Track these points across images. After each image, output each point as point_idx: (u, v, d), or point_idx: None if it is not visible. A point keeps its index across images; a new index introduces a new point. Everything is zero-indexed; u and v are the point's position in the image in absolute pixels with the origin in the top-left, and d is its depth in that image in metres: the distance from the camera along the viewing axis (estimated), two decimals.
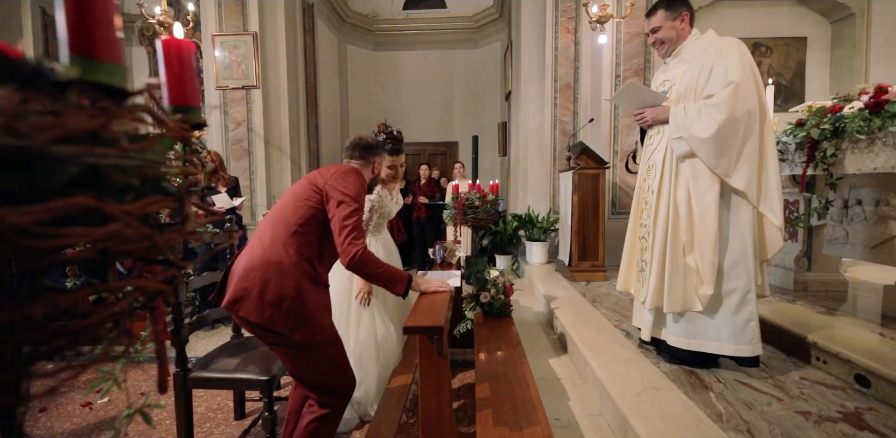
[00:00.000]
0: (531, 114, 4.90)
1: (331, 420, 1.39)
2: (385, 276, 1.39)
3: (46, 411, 2.26)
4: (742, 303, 1.68)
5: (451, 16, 6.59)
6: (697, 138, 1.66)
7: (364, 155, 1.58)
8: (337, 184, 1.37)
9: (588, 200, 3.63)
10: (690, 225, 1.75)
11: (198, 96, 0.69)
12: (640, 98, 1.85)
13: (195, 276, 1.90)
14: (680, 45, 1.83)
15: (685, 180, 1.76)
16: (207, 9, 4.65)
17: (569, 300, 3.02)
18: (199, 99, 0.58)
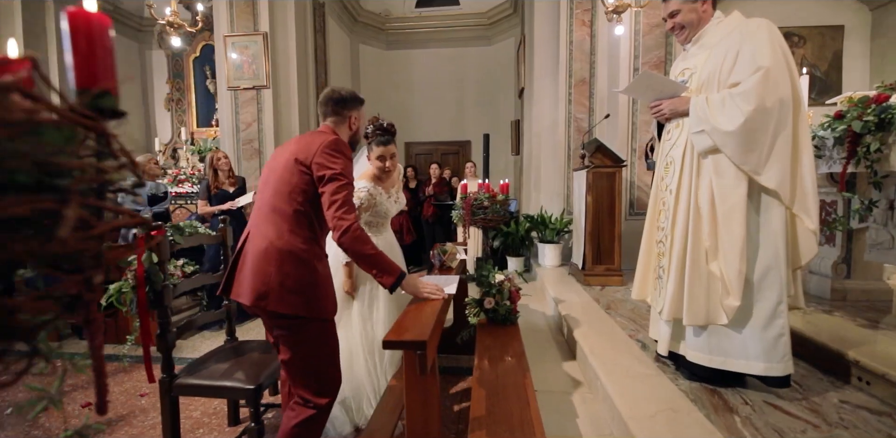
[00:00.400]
0: (544, 112, 4.73)
1: (316, 423, 1.34)
2: (376, 261, 1.34)
3: (46, 410, 2.24)
4: (773, 316, 1.50)
5: (464, 13, 6.47)
6: (721, 131, 1.49)
7: (337, 109, 1.47)
8: (323, 161, 1.31)
9: (603, 200, 3.45)
10: (714, 228, 1.57)
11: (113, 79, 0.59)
12: (657, 88, 1.68)
13: (183, 279, 1.84)
14: (701, 30, 1.65)
15: (708, 178, 1.59)
16: (220, 10, 4.66)
17: (581, 306, 2.85)
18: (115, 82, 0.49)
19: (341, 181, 1.30)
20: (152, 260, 1.62)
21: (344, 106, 1.48)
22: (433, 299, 1.44)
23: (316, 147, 1.33)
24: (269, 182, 1.41)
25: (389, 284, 1.36)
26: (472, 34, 6.58)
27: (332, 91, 1.49)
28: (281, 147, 1.52)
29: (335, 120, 1.48)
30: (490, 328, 2.29)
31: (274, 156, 1.49)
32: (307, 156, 1.32)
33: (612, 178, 3.45)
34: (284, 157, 1.38)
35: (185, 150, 6.51)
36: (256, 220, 1.39)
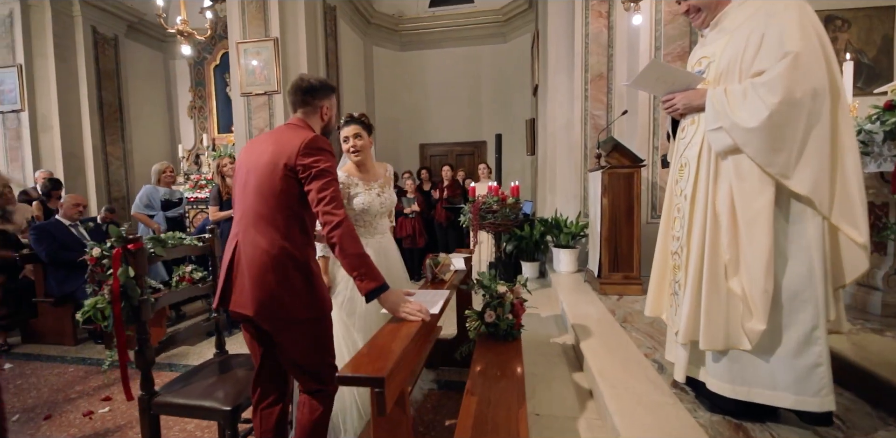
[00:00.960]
0: (559, 110, 4.51)
1: (327, 414, 1.41)
2: (361, 263, 1.28)
3: (50, 419, 2.26)
4: (806, 343, 1.28)
5: (478, 10, 6.31)
6: (742, 128, 1.28)
7: (307, 99, 1.42)
8: (307, 161, 1.28)
9: (620, 203, 3.22)
10: (735, 239, 1.37)
11: None
12: (668, 81, 1.49)
13: (167, 293, 1.79)
14: (721, 12, 1.45)
15: (727, 182, 1.38)
16: (233, 17, 4.72)
17: (594, 318, 2.65)
18: None
19: (327, 177, 1.28)
20: (128, 274, 1.57)
21: (314, 95, 1.42)
22: (411, 321, 1.31)
23: (296, 147, 1.28)
24: (248, 184, 1.35)
25: (367, 290, 1.29)
26: (486, 32, 6.41)
27: (301, 80, 1.43)
28: (253, 144, 1.44)
29: (306, 110, 1.43)
30: (490, 343, 2.13)
31: (248, 152, 1.43)
32: (289, 158, 1.28)
33: (629, 179, 3.21)
34: (265, 159, 1.33)
35: (207, 156, 6.67)
36: (244, 227, 1.34)
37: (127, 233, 1.59)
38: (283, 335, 1.33)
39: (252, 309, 1.27)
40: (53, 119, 5.47)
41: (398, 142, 6.71)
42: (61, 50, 5.45)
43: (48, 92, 5.42)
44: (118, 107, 6.12)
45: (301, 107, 1.43)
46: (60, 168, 5.52)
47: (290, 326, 1.32)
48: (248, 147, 1.46)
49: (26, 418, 2.26)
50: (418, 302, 1.40)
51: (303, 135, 1.31)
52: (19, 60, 5.27)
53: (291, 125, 1.42)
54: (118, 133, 6.15)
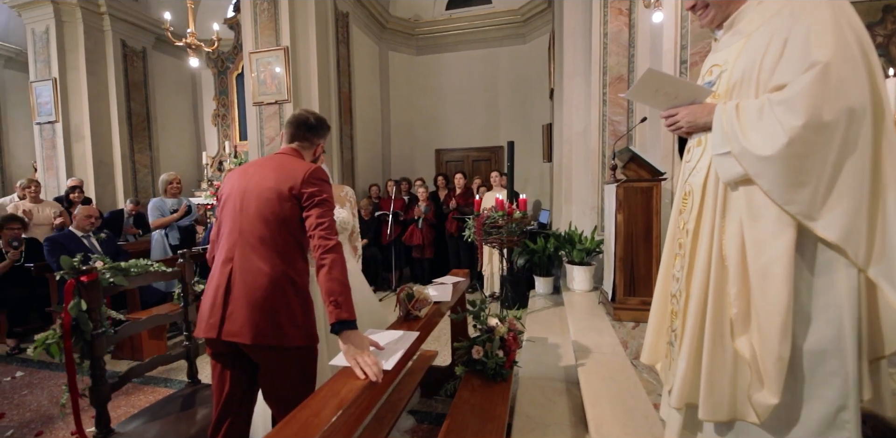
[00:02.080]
0: (575, 115, 4.22)
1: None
2: (342, 291, 1.23)
3: (41, 436, 2.28)
4: (830, 426, 1.02)
5: (497, 11, 6.08)
6: (755, 156, 1.04)
7: (309, 136, 1.51)
8: (311, 189, 1.33)
9: (637, 220, 2.92)
10: (745, 289, 1.12)
11: None
12: (670, 93, 1.25)
13: (129, 322, 1.72)
14: (736, 11, 1.20)
15: (737, 219, 1.13)
16: (246, 27, 4.75)
17: (602, 351, 2.39)
18: None
19: (326, 206, 1.34)
20: (80, 307, 1.51)
21: (315, 133, 1.52)
22: (357, 377, 1.15)
23: (301, 175, 1.34)
24: (247, 208, 1.34)
25: (338, 319, 1.21)
26: (505, 33, 6.17)
27: (305, 116, 1.51)
28: (249, 169, 1.44)
29: (303, 145, 1.51)
30: (477, 382, 1.95)
31: (245, 175, 1.42)
32: (294, 185, 1.33)
33: (648, 194, 2.91)
34: (268, 185, 1.35)
35: (229, 163, 6.82)
36: (240, 251, 1.32)
37: (78, 264, 1.52)
38: (274, 365, 1.32)
39: (249, 337, 1.25)
40: (85, 129, 5.74)
41: (414, 147, 6.59)
42: (92, 63, 5.71)
43: (80, 103, 5.69)
44: (146, 116, 6.36)
45: (299, 141, 1.50)
46: (91, 176, 5.79)
47: (282, 355, 1.30)
48: (240, 172, 1.46)
49: (20, 434, 2.28)
50: (372, 357, 1.25)
51: (305, 166, 1.38)
52: (54, 74, 5.56)
53: (287, 155, 1.47)
54: (146, 141, 6.39)
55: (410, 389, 2.17)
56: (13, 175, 7.22)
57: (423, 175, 6.19)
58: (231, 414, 1.39)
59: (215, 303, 1.31)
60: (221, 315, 1.29)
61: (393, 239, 4.90)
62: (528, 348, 2.90)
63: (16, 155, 7.48)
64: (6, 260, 3.46)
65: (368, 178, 5.66)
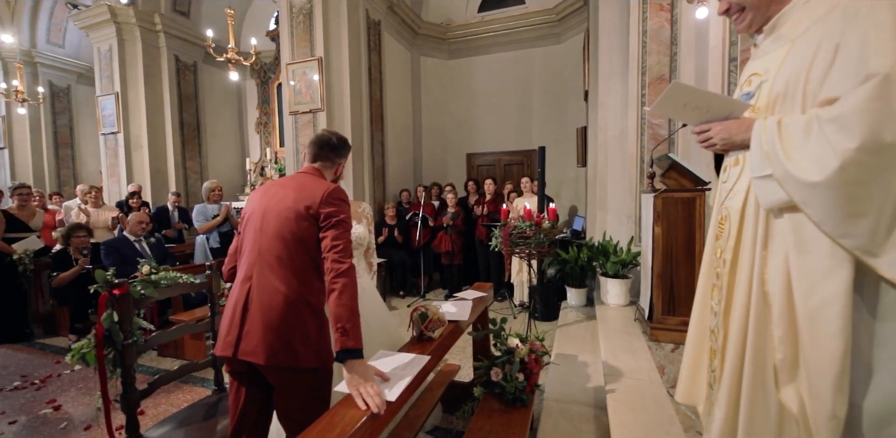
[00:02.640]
0: (611, 117, 4.00)
1: None
2: (350, 318, 1.21)
3: (90, 429, 2.45)
4: None
5: (530, 11, 5.91)
6: (800, 181, 0.90)
7: (331, 155, 1.53)
8: (329, 209, 1.34)
9: (678, 234, 2.71)
10: (792, 333, 0.97)
11: None
12: (701, 106, 1.12)
13: (158, 333, 1.80)
14: (778, 13, 1.05)
15: (782, 251, 0.99)
16: (284, 39, 4.92)
17: (635, 375, 2.21)
18: None
19: (343, 228, 1.33)
20: (113, 319, 1.59)
21: (337, 153, 1.55)
22: (358, 408, 1.11)
23: (319, 195, 1.34)
24: (267, 226, 1.36)
25: (344, 347, 1.19)
26: (539, 33, 5.99)
27: (328, 137, 1.54)
28: (271, 188, 1.47)
29: (325, 164, 1.53)
30: (495, 405, 1.87)
31: (267, 194, 1.44)
32: (313, 205, 1.33)
33: (690, 205, 2.69)
34: (287, 204, 1.36)
35: (270, 168, 7.13)
36: (259, 270, 1.34)
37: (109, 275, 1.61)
38: (287, 386, 1.32)
39: (263, 357, 1.26)
40: (143, 139, 6.20)
41: (445, 152, 6.56)
42: (149, 78, 6.16)
43: (139, 115, 6.16)
44: (196, 126, 6.78)
45: (321, 161, 1.53)
46: (148, 182, 6.25)
47: (296, 376, 1.31)
48: (263, 191, 1.49)
49: (72, 426, 2.46)
50: (383, 375, 1.23)
51: (325, 185, 1.39)
52: (116, 88, 6.06)
53: (309, 175, 1.49)
54: (196, 149, 6.81)
55: (430, 405, 2.13)
56: (84, 180, 7.95)
57: (454, 179, 6.14)
58: (246, 431, 1.41)
59: (233, 321, 1.34)
60: (238, 333, 1.31)
61: (422, 245, 4.89)
62: (556, 367, 2.77)
63: (86, 162, 8.24)
64: (76, 267, 3.77)
65: (399, 184, 5.69)
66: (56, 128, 7.85)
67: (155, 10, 6.11)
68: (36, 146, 7.65)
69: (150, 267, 3.12)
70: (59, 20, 7.57)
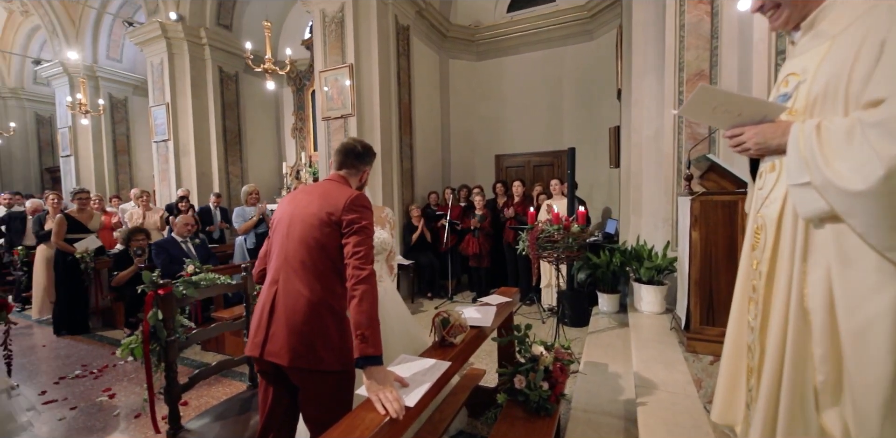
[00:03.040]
0: (646, 116, 3.84)
1: None
2: (369, 325, 1.24)
3: (139, 418, 2.64)
4: None
5: (560, 9, 5.79)
6: (842, 190, 0.83)
7: (356, 163, 1.57)
8: (351, 216, 1.37)
9: (717, 239, 2.56)
10: (834, 352, 0.90)
11: None
12: (732, 110, 1.06)
13: (198, 330, 1.92)
14: (816, 7, 0.98)
15: (823, 264, 0.92)
16: (317, 48, 5.09)
17: (669, 389, 2.11)
18: None
19: (364, 235, 1.36)
20: (158, 317, 1.71)
21: (362, 161, 1.59)
22: (377, 412, 1.14)
23: (342, 202, 1.38)
24: (293, 232, 1.42)
25: (363, 354, 1.22)
26: (570, 31, 5.86)
27: (353, 145, 1.58)
28: (298, 195, 1.53)
29: (350, 171, 1.57)
30: (518, 414, 1.85)
31: (294, 201, 1.50)
32: (335, 212, 1.37)
33: (730, 209, 2.54)
34: (312, 211, 1.40)
35: (304, 172, 7.40)
36: (285, 274, 1.40)
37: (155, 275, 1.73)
38: (310, 388, 1.36)
39: (287, 359, 1.31)
40: (190, 146, 6.61)
41: (473, 154, 6.55)
42: (196, 88, 6.56)
43: (186, 123, 6.57)
44: (237, 132, 7.15)
45: (346, 168, 1.57)
46: (195, 185, 6.65)
47: (318, 378, 1.34)
48: (291, 197, 1.56)
49: (124, 413, 2.66)
50: (403, 381, 1.24)
51: (348, 192, 1.42)
52: (167, 99, 6.49)
53: (334, 182, 1.53)
54: (237, 154, 7.18)
55: (454, 409, 2.13)
56: (139, 184, 8.58)
57: (482, 181, 6.12)
58: (274, 430, 1.47)
59: (260, 323, 1.40)
60: (265, 335, 1.37)
61: (450, 247, 4.90)
62: (585, 375, 2.70)
63: (141, 167, 8.87)
64: (132, 266, 4.07)
65: (428, 186, 5.74)
66: (115, 136, 8.51)
67: (201, 24, 6.50)
68: (97, 153, 8.33)
69: (194, 266, 3.32)
70: (117, 37, 8.21)
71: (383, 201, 4.87)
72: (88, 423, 2.52)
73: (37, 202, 5.35)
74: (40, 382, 3.11)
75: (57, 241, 4.15)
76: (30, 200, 5.48)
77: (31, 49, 9.91)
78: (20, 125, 10.63)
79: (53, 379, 3.14)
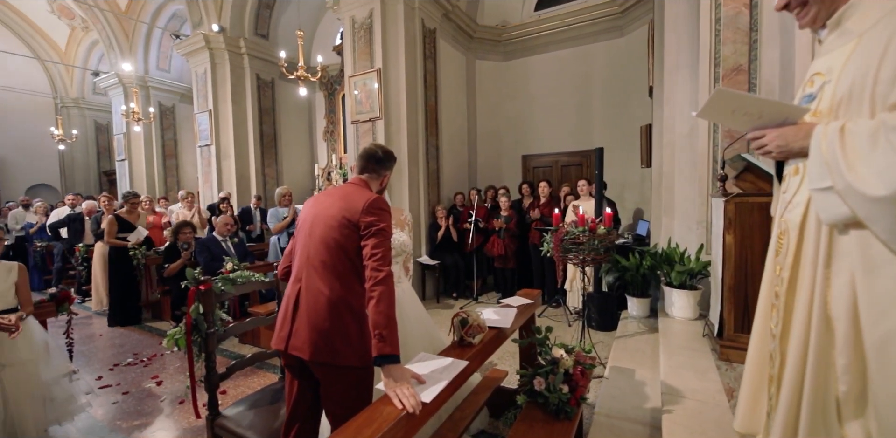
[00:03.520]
0: (678, 115, 3.71)
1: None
2: (387, 325, 1.29)
3: (182, 404, 2.84)
4: None
5: (590, 5, 5.67)
6: (864, 195, 0.80)
7: (377, 168, 1.63)
8: (369, 219, 1.41)
9: (753, 243, 2.45)
10: (858, 362, 0.87)
11: None
12: (752, 112, 1.03)
13: (235, 324, 2.05)
14: (844, 3, 0.94)
15: (847, 271, 0.89)
16: (347, 54, 5.26)
17: (699, 397, 2.03)
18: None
19: (382, 237, 1.40)
20: (199, 310, 1.85)
21: (382, 165, 1.65)
22: (394, 407, 1.19)
23: (361, 205, 1.43)
24: (315, 232, 1.49)
25: (381, 353, 1.27)
26: (599, 27, 5.73)
27: (374, 151, 1.64)
28: (321, 198, 1.60)
29: (371, 176, 1.64)
30: (538, 416, 1.85)
31: (317, 203, 1.58)
32: (355, 214, 1.42)
33: (766, 212, 2.33)
34: (332, 213, 1.47)
35: (335, 173, 7.64)
36: (307, 272, 1.47)
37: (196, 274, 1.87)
38: (330, 382, 1.43)
39: (308, 353, 1.38)
40: (230, 149, 6.99)
41: (500, 155, 6.53)
42: (236, 95, 6.93)
43: (227, 129, 6.95)
44: (273, 136, 7.48)
45: (368, 173, 1.63)
46: (234, 187, 7.02)
47: (338, 373, 1.40)
48: (314, 199, 1.63)
49: (168, 400, 2.87)
50: (419, 378, 1.29)
51: (367, 195, 1.48)
52: (210, 106, 6.90)
53: (355, 185, 1.59)
54: (273, 157, 7.52)
55: (475, 409, 2.16)
56: (185, 186, 9.14)
57: (509, 182, 6.10)
58: (299, 420, 1.55)
59: (285, 318, 1.48)
60: (289, 330, 1.44)
61: (475, 248, 4.92)
62: (610, 380, 2.65)
63: (187, 170, 9.45)
64: (180, 259, 4.37)
65: (454, 187, 5.78)
66: (164, 141, 9.12)
67: (240, 35, 6.85)
68: (148, 158, 8.95)
69: (233, 264, 3.52)
70: (165, 49, 8.79)
71: (409, 202, 4.96)
72: (138, 407, 2.74)
73: (91, 203, 5.83)
74: (97, 368, 3.40)
75: (108, 240, 4.51)
76: (85, 202, 5.98)
77: (91, 62, 10.77)
78: (81, 132, 11.59)
79: (108, 366, 3.43)
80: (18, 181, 11.11)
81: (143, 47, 8.68)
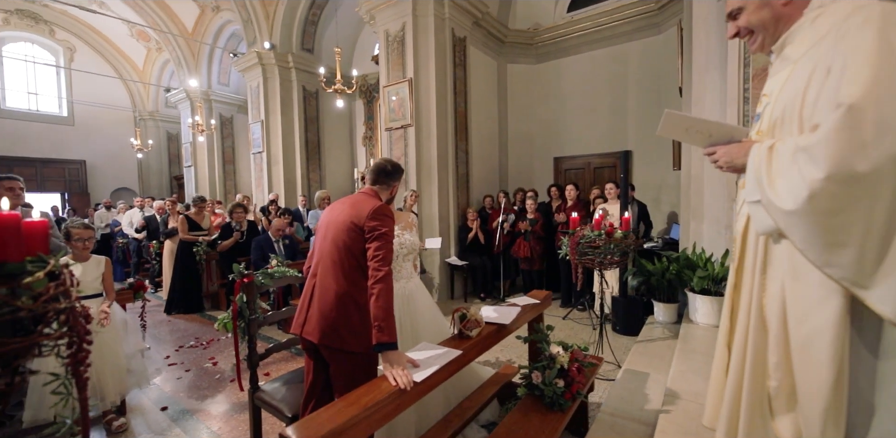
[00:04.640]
0: (708, 115, 3.62)
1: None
2: (386, 317, 1.47)
3: (234, 382, 3.24)
4: None
5: (624, 4, 5.58)
6: (779, 209, 0.90)
7: (386, 180, 1.83)
8: (373, 224, 1.60)
9: None
10: (786, 360, 0.96)
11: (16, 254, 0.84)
12: (702, 131, 1.13)
13: (272, 312, 2.36)
14: (786, 30, 1.02)
15: (779, 278, 0.98)
16: (381, 64, 5.58)
17: (700, 403, 2.03)
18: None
19: (384, 240, 1.59)
20: (243, 299, 2.17)
21: (391, 177, 1.85)
22: (390, 383, 1.40)
23: (366, 212, 1.63)
24: (328, 235, 1.74)
25: (379, 341, 1.47)
26: (635, 26, 5.62)
27: (384, 164, 1.85)
28: (335, 205, 1.84)
29: (381, 186, 1.84)
30: (534, 407, 1.99)
31: (332, 210, 1.83)
32: (361, 220, 1.62)
33: None
34: (342, 218, 1.69)
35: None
36: (321, 269, 1.72)
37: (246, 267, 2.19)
38: (337, 363, 1.64)
39: (317, 337, 1.61)
40: (279, 156, 7.59)
41: (532, 157, 6.58)
42: (284, 106, 7.52)
43: (276, 137, 7.56)
44: (317, 143, 8.03)
45: (378, 184, 1.84)
46: (283, 191, 7.62)
47: (344, 356, 1.61)
48: (330, 207, 1.88)
49: (222, 378, 3.27)
50: (416, 360, 1.50)
51: (373, 203, 1.67)
52: (262, 117, 7.55)
53: (365, 194, 1.79)
54: (317, 163, 8.06)
55: (483, 399, 2.33)
56: (241, 190, 9.99)
57: (540, 184, 6.14)
58: (315, 397, 1.79)
59: (302, 307, 1.73)
60: (305, 317, 1.68)
61: (502, 250, 5.05)
62: (620, 382, 2.70)
63: (242, 175, 10.32)
64: (232, 238, 4.90)
65: (484, 190, 5.92)
66: (223, 149, 10.03)
67: (288, 50, 7.43)
68: (210, 164, 9.89)
69: (277, 261, 3.91)
70: (225, 65, 9.67)
71: (439, 205, 5.18)
72: (197, 383, 3.17)
73: (160, 203, 6.62)
74: (165, 349, 3.92)
75: (183, 236, 5.16)
76: (155, 203, 6.81)
77: (163, 79, 12.07)
78: (155, 142, 12.98)
79: (174, 347, 3.95)
80: (105, 184, 12.69)
81: (207, 64, 9.61)
